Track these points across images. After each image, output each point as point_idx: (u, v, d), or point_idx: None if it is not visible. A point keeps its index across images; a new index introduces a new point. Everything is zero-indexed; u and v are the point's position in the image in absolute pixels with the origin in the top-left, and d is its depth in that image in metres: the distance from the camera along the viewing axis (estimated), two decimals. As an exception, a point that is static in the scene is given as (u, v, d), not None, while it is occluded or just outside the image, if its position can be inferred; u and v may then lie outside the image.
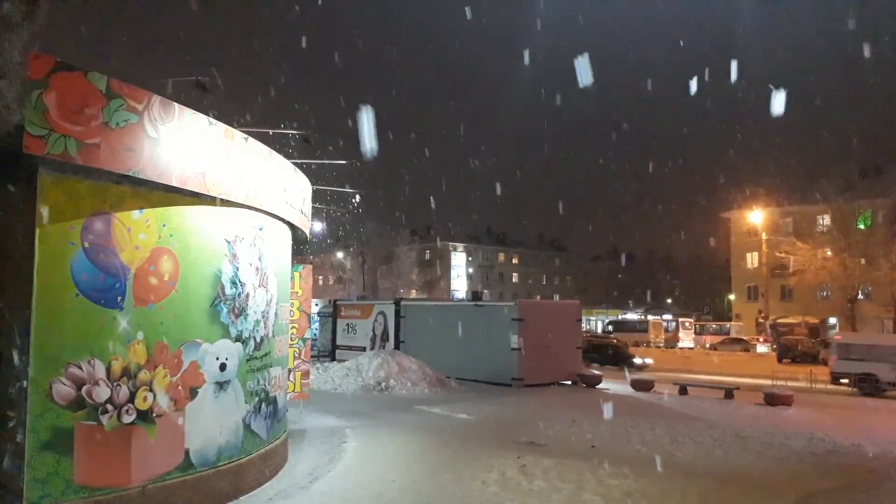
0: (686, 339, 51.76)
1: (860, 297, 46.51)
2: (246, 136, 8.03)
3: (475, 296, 25.27)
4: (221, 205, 7.65)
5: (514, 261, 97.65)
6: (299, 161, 10.50)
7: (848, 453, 11.41)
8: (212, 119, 7.37)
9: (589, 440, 11.99)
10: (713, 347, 47.20)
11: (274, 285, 8.98)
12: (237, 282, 8.03)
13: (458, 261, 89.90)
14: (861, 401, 20.23)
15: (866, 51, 65.55)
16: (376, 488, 8.44)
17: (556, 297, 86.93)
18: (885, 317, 45.76)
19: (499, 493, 8.34)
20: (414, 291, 71.93)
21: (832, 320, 49.73)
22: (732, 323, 56.30)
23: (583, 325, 27.34)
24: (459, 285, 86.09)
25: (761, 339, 47.51)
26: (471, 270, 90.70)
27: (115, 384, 6.48)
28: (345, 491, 8.29)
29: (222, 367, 7.71)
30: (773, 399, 18.28)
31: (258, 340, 8.48)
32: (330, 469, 9.33)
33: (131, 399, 6.62)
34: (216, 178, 7.34)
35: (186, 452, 7.27)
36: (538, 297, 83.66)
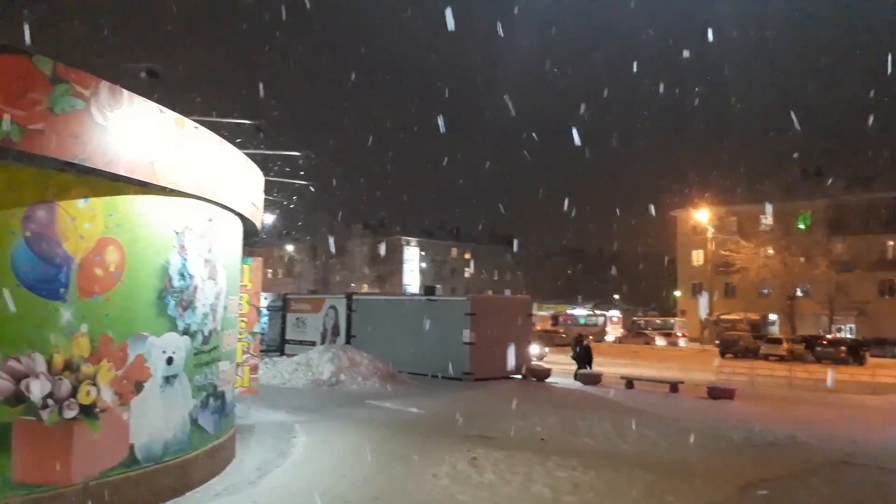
0: (613, 333, 54.97)
1: (799, 294, 48.23)
2: (197, 124, 7.87)
3: (428, 290, 25.23)
4: (171, 195, 7.49)
5: (466, 255, 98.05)
6: (251, 152, 10.32)
7: (786, 444, 11.84)
8: (162, 107, 7.20)
9: (538, 433, 12.15)
10: (619, 340, 49.69)
11: (223, 278, 8.83)
12: (186, 274, 7.87)
13: (411, 255, 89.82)
14: (800, 394, 21.00)
15: (815, 59, 67.52)
16: (326, 483, 8.40)
17: (508, 293, 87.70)
18: (821, 313, 47.57)
19: (450, 486, 8.40)
20: (366, 286, 71.60)
21: (772, 316, 51.53)
22: (677, 319, 57.96)
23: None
24: (412, 280, 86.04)
25: (682, 334, 50.80)
26: (423, 265, 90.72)
27: (56, 378, 6.29)
28: (294, 486, 8.22)
29: (169, 360, 7.56)
30: (716, 393, 18.84)
31: (206, 334, 8.33)
32: (279, 464, 9.24)
33: (73, 393, 6.44)
34: (166, 167, 7.18)
35: (131, 448, 7.10)
36: (490, 293, 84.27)
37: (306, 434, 11.34)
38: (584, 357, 22.88)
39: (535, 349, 27.56)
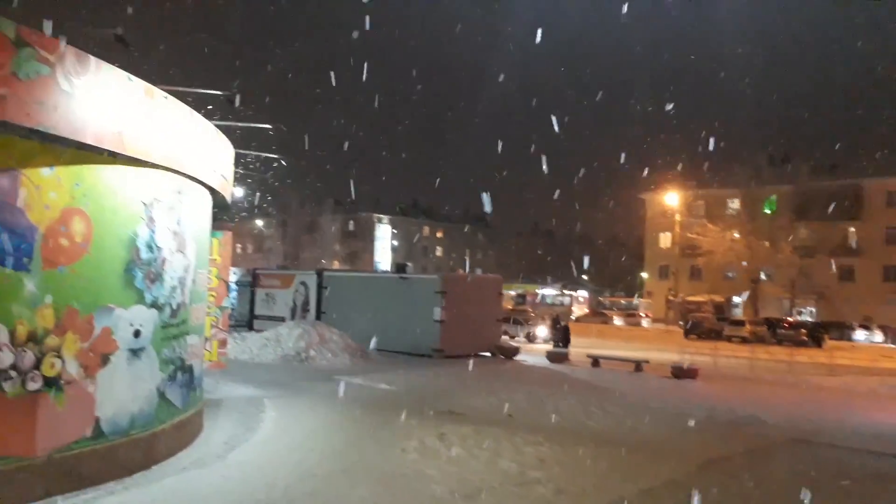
0: (579, 313, 55.87)
1: (763, 277, 49.23)
2: (166, 94, 7.72)
3: (399, 268, 25.22)
4: (139, 165, 7.35)
5: (439, 234, 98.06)
6: (221, 123, 10.14)
7: (747, 423, 12.16)
8: (131, 75, 7.04)
9: (506, 409, 12.29)
10: (577, 319, 50.47)
11: (192, 251, 8.73)
12: (154, 246, 7.76)
13: (383, 233, 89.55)
14: (761, 374, 21.52)
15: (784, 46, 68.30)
16: (295, 457, 8.42)
17: (479, 271, 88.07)
18: (783, 297, 48.66)
19: (418, 461, 8.47)
20: (337, 263, 71.29)
21: (736, 299, 52.57)
22: (642, 300, 59.02)
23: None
24: (383, 257, 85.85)
25: (645, 315, 52.69)
26: (395, 243, 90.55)
27: (19, 350, 6.18)
28: (262, 460, 8.23)
29: (136, 333, 7.47)
30: (680, 372, 19.22)
31: (174, 307, 8.24)
32: (247, 438, 9.23)
33: (37, 365, 6.34)
34: (134, 137, 7.04)
35: (97, 421, 7.03)
36: (461, 271, 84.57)
37: (275, 409, 11.33)
38: (562, 337, 23.04)
39: (542, 330, 29.82)
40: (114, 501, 6.50)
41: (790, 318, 43.68)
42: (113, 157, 6.96)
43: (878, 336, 42.04)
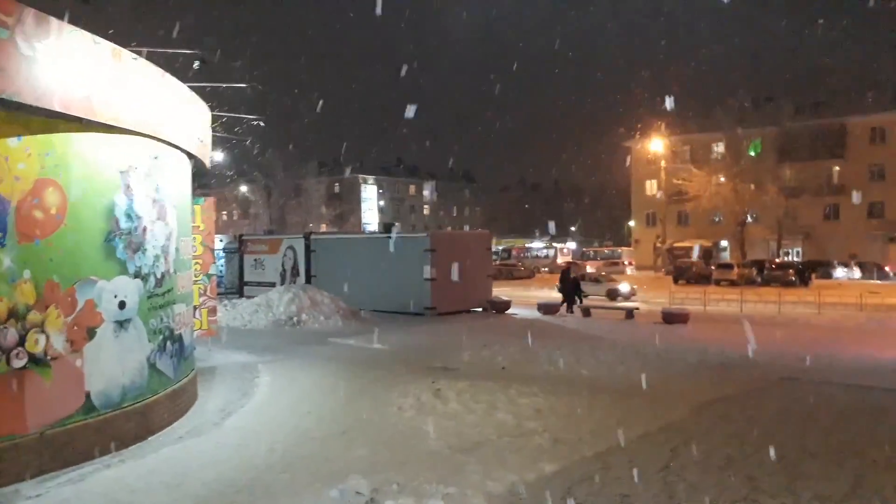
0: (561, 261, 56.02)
1: (749, 220, 49.41)
2: (136, 56, 7.43)
3: (387, 228, 25.11)
4: (112, 132, 7.12)
5: (425, 192, 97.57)
6: (196, 85, 9.84)
7: (739, 365, 12.26)
8: (97, 37, 6.75)
9: (500, 363, 12.33)
10: (550, 271, 50.46)
11: (173, 218, 8.54)
12: (133, 215, 7.57)
13: (369, 193, 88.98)
14: (750, 316, 21.71)
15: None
16: (291, 421, 8.40)
17: (467, 228, 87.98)
18: (770, 238, 48.95)
19: (415, 418, 8.48)
20: (324, 225, 70.89)
21: (723, 243, 52.88)
22: (624, 248, 59.30)
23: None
24: (371, 218, 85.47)
25: (629, 263, 52.96)
26: (382, 203, 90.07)
27: (1, 327, 6.04)
28: (258, 425, 8.20)
29: (121, 305, 7.33)
30: (671, 317, 19.35)
31: (159, 276, 8.09)
32: (242, 405, 9.20)
33: (21, 342, 6.21)
34: (104, 102, 6.79)
35: (87, 395, 6.95)
36: (449, 228, 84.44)
37: (269, 374, 11.29)
38: (573, 290, 22.86)
39: (625, 287, 28.94)
40: (110, 475, 6.45)
41: (777, 259, 44.01)
42: (83, 125, 6.72)
43: (857, 273, 42.50)
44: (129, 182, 7.56)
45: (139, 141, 7.68)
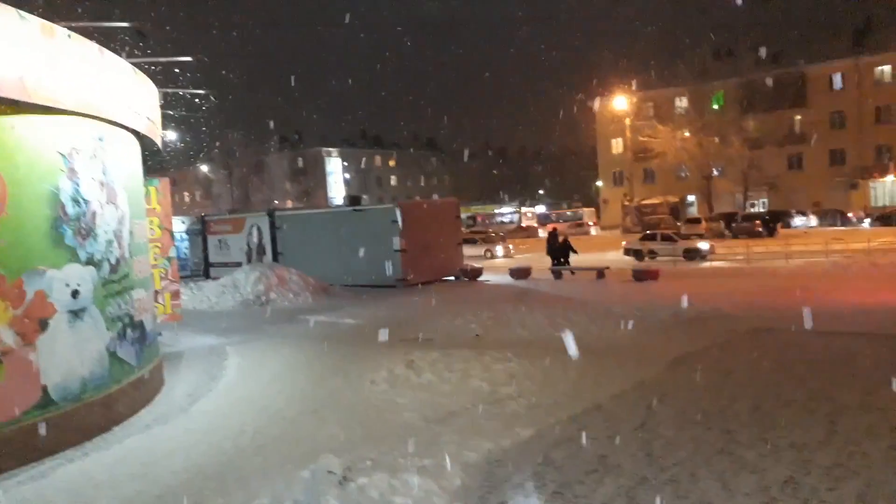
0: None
1: (715, 174, 49.83)
2: (69, 32, 7.01)
3: (353, 200, 24.77)
4: (50, 113, 6.74)
5: (391, 163, 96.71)
6: (138, 61, 9.39)
7: (711, 318, 12.31)
8: (23, 12, 6.33)
9: (473, 330, 12.23)
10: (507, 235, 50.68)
11: (124, 201, 8.19)
12: (80, 199, 7.23)
13: (334, 167, 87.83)
14: (720, 269, 21.93)
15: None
16: (261, 402, 8.21)
17: (435, 197, 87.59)
18: (736, 191, 49.46)
19: (388, 391, 8.35)
20: (290, 202, 70.01)
21: (690, 198, 53.35)
22: (586, 209, 59.58)
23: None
24: (337, 192, 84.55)
25: (592, 223, 53.39)
26: (347, 176, 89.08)
27: (-57, 324, 5.73)
28: (227, 408, 8.01)
29: (74, 293, 7.03)
30: (641, 275, 19.43)
31: (113, 262, 7.78)
32: (211, 388, 8.98)
33: (-33, 339, 5.91)
34: (39, 82, 6.41)
35: (44, 389, 6.68)
36: (417, 198, 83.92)
37: (238, 355, 11.05)
38: (562, 252, 22.73)
39: (704, 245, 27.04)
40: (73, 469, 6.23)
41: (744, 211, 44.54)
42: (17, 106, 6.35)
43: (814, 221, 43.29)
44: (74, 165, 7.20)
45: (81, 121, 7.31)
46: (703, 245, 26.99)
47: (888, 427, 6.08)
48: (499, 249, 32.11)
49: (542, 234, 50.21)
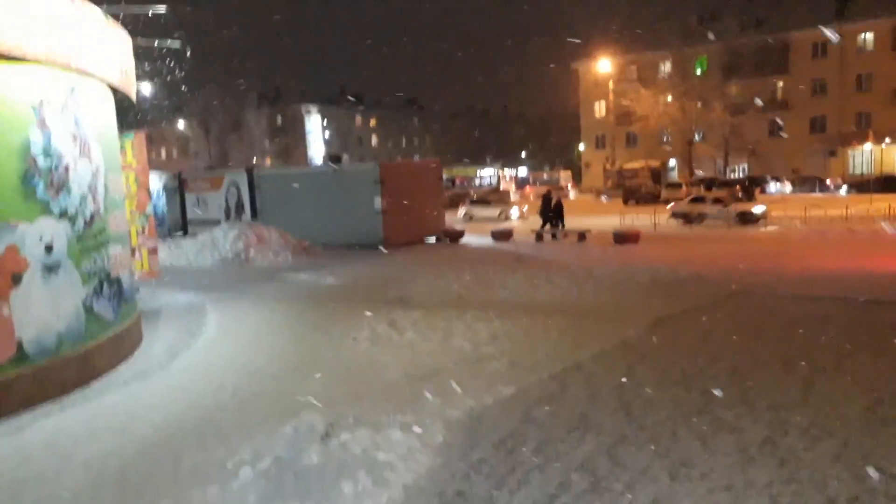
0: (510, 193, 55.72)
1: (696, 139, 49.93)
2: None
3: (334, 159, 24.45)
4: (16, 62, 6.48)
5: (372, 123, 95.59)
6: (111, 10, 9.04)
7: (690, 281, 12.37)
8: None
9: (455, 291, 12.22)
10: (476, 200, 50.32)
11: (98, 155, 7.95)
12: (52, 152, 7.01)
13: (313, 125, 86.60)
14: (702, 232, 22.07)
15: None
16: (242, 359, 8.16)
17: (416, 157, 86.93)
18: (717, 157, 49.67)
19: (370, 349, 8.33)
20: (269, 160, 69.10)
21: (672, 163, 53.49)
22: (563, 171, 59.39)
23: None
24: (317, 151, 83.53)
25: (570, 186, 52.77)
26: (327, 135, 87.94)
27: (-88, 277, 5.56)
28: (207, 365, 7.94)
29: (48, 248, 6.87)
30: (622, 238, 19.51)
31: (88, 217, 7.59)
32: (190, 345, 8.89)
33: (-62, 292, 5.75)
34: (4, 30, 6.16)
35: (19, 344, 6.57)
36: (399, 159, 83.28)
37: (218, 312, 10.95)
38: (555, 214, 22.46)
39: (759, 209, 25.41)
40: (50, 424, 6.15)
41: (724, 177, 44.77)
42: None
43: (788, 187, 43.67)
44: (44, 117, 6.96)
45: (51, 72, 7.05)
46: (758, 208, 25.48)
47: (864, 389, 6.19)
48: (514, 211, 31.86)
49: (514, 196, 49.95)
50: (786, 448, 4.97)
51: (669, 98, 48.91)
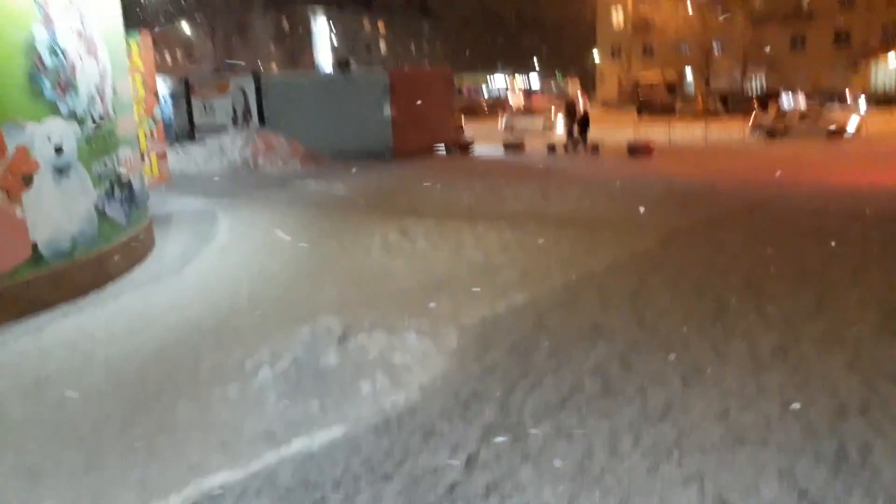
0: (513, 100, 53.92)
1: (715, 51, 48.32)
2: None
3: (341, 65, 23.80)
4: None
5: (381, 29, 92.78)
6: None
7: (704, 194, 12.25)
8: None
9: (466, 201, 12.14)
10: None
11: (105, 55, 7.73)
12: (57, 50, 6.80)
13: (320, 30, 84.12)
14: (713, 146, 21.69)
15: None
16: (254, 265, 8.19)
17: (426, 65, 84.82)
18: (734, 69, 48.20)
19: (383, 258, 8.34)
20: (274, 65, 67.59)
21: (688, 73, 52.01)
22: (570, 79, 57.71)
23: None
24: (324, 57, 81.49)
25: (580, 95, 50.31)
26: (335, 40, 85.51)
27: (-77, 175, 5.52)
28: (221, 270, 7.98)
29: (58, 149, 6.78)
30: (635, 150, 19.21)
31: (97, 119, 7.45)
32: (202, 250, 8.92)
33: (-50, 192, 5.72)
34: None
35: (35, 246, 6.59)
36: (408, 66, 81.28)
37: (229, 218, 10.94)
38: (581, 126, 21.55)
39: (854, 121, 23.70)
40: (69, 324, 6.24)
41: (741, 90, 43.63)
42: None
43: (802, 102, 42.49)
44: (48, 12, 6.71)
45: (53, -37, 6.75)
46: (852, 123, 23.88)
47: (877, 301, 6.18)
48: (560, 122, 27.82)
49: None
50: (798, 356, 5.00)
51: (690, 7, 47.03)
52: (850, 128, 23.64)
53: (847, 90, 42.62)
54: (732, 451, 3.75)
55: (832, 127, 23.66)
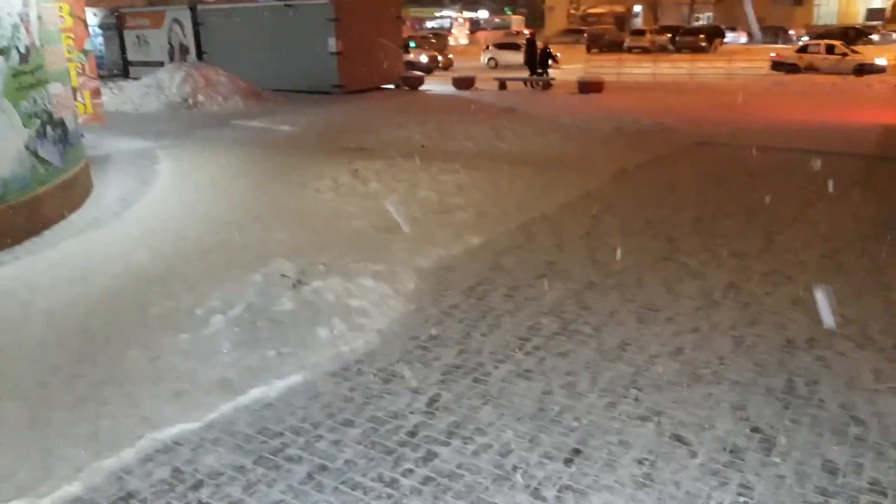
0: (462, 38, 52.85)
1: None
2: None
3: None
4: None
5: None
6: None
7: (654, 131, 12.31)
8: None
9: (417, 141, 11.92)
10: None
11: (27, -21, 7.16)
12: (-28, -26, 6.25)
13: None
14: (662, 83, 21.76)
15: None
16: (200, 208, 7.91)
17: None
18: (682, 3, 48.15)
19: (334, 199, 8.16)
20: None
21: (637, 8, 51.73)
22: (515, 16, 56.67)
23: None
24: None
25: (516, 31, 47.56)
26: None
27: None
28: (164, 214, 7.69)
29: (-20, 86, 6.30)
30: (586, 87, 19.12)
31: (23, 51, 6.94)
32: (144, 193, 8.57)
33: None
34: None
35: (-40, 190, 6.18)
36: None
37: (170, 160, 10.52)
38: (542, 60, 21.26)
39: (882, 60, 22.33)
40: (5, 273, 5.94)
41: (688, 25, 43.67)
42: None
43: (743, 38, 42.95)
44: (-41, -69, 6.13)
45: None
46: (881, 60, 22.86)
47: (822, 238, 6.36)
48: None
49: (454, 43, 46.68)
50: (748, 293, 5.12)
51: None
52: (880, 63, 22.70)
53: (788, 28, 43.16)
54: (688, 388, 3.83)
55: (860, 64, 22.80)
